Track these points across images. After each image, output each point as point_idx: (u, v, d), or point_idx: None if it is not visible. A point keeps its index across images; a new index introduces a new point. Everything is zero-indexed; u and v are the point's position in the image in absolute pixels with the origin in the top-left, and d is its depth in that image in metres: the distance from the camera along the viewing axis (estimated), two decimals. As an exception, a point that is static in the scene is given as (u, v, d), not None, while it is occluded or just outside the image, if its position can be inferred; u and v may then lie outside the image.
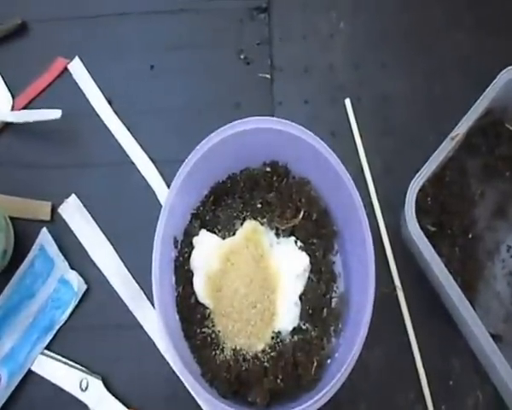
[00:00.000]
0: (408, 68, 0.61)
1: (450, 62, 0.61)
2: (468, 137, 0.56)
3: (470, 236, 0.56)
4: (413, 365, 0.53)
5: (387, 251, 0.56)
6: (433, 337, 0.54)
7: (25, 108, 0.59)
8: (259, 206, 0.54)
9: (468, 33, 0.62)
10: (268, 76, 0.60)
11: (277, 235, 0.54)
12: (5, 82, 0.60)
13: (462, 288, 0.50)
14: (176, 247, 0.52)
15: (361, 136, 0.59)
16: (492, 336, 0.52)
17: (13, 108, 0.59)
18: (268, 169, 0.54)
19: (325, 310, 0.52)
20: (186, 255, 0.52)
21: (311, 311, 0.52)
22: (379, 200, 0.57)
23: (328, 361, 0.50)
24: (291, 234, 0.53)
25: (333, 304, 0.53)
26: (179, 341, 0.49)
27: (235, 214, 0.54)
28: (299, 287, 0.52)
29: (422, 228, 0.51)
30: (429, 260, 0.49)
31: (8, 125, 0.59)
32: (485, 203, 0.57)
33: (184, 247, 0.52)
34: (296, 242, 0.53)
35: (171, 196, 0.48)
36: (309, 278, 0.52)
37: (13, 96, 0.59)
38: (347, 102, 0.60)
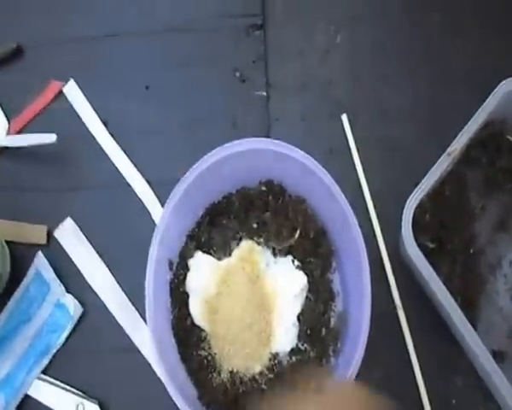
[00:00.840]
0: (407, 82, 0.61)
1: (450, 75, 0.61)
2: (467, 150, 0.55)
3: (471, 251, 0.55)
4: (414, 384, 0.52)
5: (387, 269, 0.55)
6: (435, 355, 0.53)
7: (20, 131, 0.59)
8: (255, 226, 0.53)
9: (470, 43, 0.61)
10: (264, 93, 0.60)
11: (274, 254, 0.53)
12: (1, 106, 0.60)
13: (463, 304, 0.49)
14: (171, 269, 0.51)
15: (360, 151, 0.59)
16: (496, 352, 0.52)
17: (8, 132, 0.59)
18: (263, 188, 0.54)
19: (324, 330, 0.51)
20: (181, 277, 0.51)
21: (309, 331, 0.51)
22: (378, 217, 0.57)
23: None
24: (288, 253, 0.53)
25: (331, 323, 0.52)
26: (176, 364, 0.49)
27: (230, 235, 0.53)
28: (296, 307, 0.51)
29: (421, 245, 0.50)
30: (427, 279, 0.48)
31: (3, 149, 0.59)
32: (486, 217, 0.56)
33: (180, 269, 0.52)
34: (293, 261, 0.52)
35: (165, 218, 0.48)
36: (307, 297, 0.52)
37: (8, 120, 0.60)
38: (344, 117, 0.59)
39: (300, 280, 0.51)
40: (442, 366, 0.53)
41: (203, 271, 0.51)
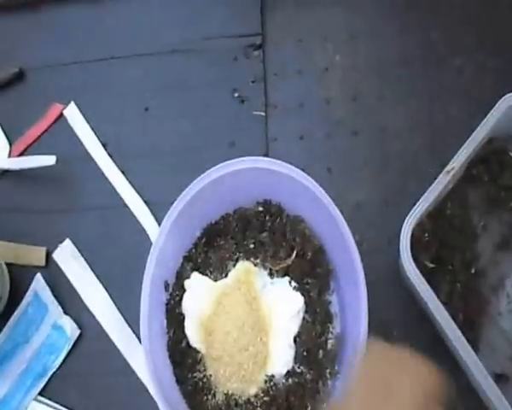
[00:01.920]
0: (406, 99, 0.60)
1: (450, 91, 0.60)
2: (469, 167, 0.55)
3: (473, 270, 0.54)
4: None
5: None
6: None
7: (22, 153, 0.60)
8: (252, 246, 0.53)
9: (469, 59, 0.61)
10: (263, 113, 0.60)
11: (271, 275, 0.53)
12: (3, 129, 0.61)
13: (464, 325, 0.48)
14: (167, 290, 0.51)
15: (359, 170, 0.58)
16: (498, 375, 0.51)
17: (10, 155, 0.60)
18: (260, 208, 0.54)
19: (321, 352, 0.51)
20: (177, 299, 0.51)
21: (305, 353, 0.50)
22: (378, 235, 0.56)
23: (324, 405, 0.49)
24: (285, 274, 0.52)
25: (329, 345, 0.51)
26: (171, 385, 0.49)
27: (227, 256, 0.53)
28: (293, 328, 0.51)
29: (421, 264, 0.50)
30: (426, 300, 0.47)
31: (4, 171, 0.60)
32: (488, 236, 0.55)
33: (176, 290, 0.52)
34: (290, 282, 0.52)
35: (161, 238, 0.48)
36: (304, 318, 0.51)
37: (10, 143, 0.61)
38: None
39: (297, 301, 0.51)
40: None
41: (199, 292, 0.51)
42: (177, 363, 0.50)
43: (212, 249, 0.53)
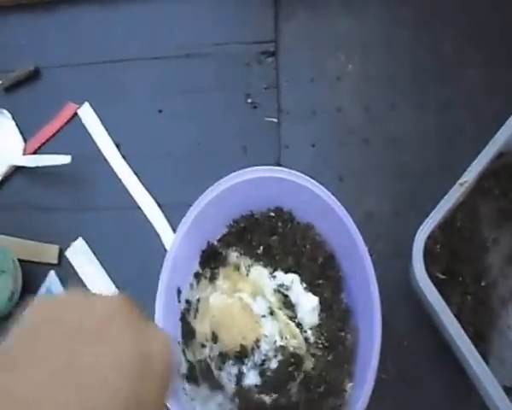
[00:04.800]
0: (418, 110, 0.60)
1: (462, 102, 0.60)
2: (480, 180, 0.54)
3: (483, 283, 0.54)
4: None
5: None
6: (445, 389, 0.52)
7: (36, 151, 0.61)
8: (260, 251, 0.53)
9: (481, 71, 0.61)
10: (275, 120, 0.60)
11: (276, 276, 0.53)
12: (18, 127, 0.62)
13: (474, 338, 0.48)
14: (179, 296, 0.51)
15: (369, 179, 0.58)
16: (508, 389, 0.51)
17: (24, 152, 0.60)
18: (272, 214, 0.54)
19: (340, 347, 0.50)
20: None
21: (327, 343, 0.50)
22: (388, 246, 0.56)
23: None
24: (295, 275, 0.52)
25: (347, 341, 0.50)
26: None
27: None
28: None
29: (432, 276, 0.50)
30: (438, 311, 0.47)
31: (18, 168, 0.60)
32: (498, 249, 0.55)
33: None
34: (301, 283, 0.52)
35: (175, 245, 0.48)
36: (321, 316, 0.51)
37: (25, 141, 0.61)
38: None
39: (311, 300, 0.51)
40: (452, 400, 0.52)
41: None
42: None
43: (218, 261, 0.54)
